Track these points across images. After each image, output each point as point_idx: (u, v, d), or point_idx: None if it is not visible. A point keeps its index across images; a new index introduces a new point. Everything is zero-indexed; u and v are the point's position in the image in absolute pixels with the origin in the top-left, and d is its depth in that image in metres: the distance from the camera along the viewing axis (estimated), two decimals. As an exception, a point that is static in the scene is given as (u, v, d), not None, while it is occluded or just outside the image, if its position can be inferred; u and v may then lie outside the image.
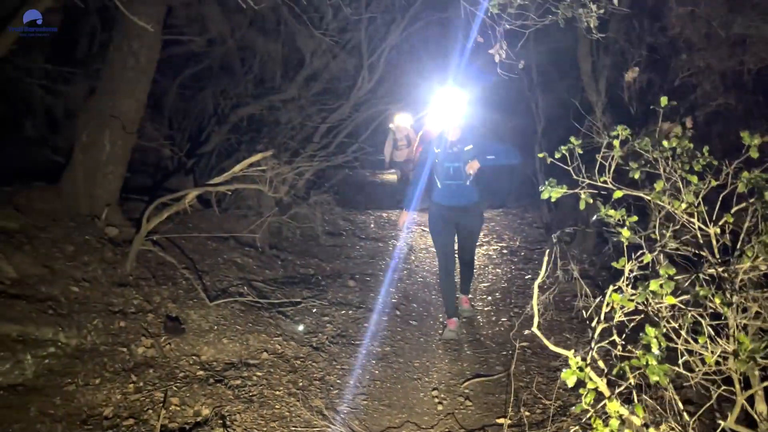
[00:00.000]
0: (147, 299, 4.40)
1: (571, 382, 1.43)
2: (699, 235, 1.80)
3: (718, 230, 1.79)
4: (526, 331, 5.09)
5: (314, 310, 5.26)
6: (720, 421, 1.70)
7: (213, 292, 4.92)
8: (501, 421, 3.62)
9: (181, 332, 4.18)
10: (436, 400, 3.98)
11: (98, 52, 6.23)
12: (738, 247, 1.66)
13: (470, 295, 5.77)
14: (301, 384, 3.95)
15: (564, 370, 1.47)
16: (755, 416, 1.79)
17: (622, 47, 4.93)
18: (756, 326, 1.58)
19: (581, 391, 1.43)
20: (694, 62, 4.08)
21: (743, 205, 1.86)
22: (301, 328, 4.71)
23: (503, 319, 5.55)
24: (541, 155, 1.98)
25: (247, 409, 3.52)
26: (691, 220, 1.82)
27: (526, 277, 6.83)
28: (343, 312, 5.38)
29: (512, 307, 5.88)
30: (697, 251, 1.83)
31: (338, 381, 4.12)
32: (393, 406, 3.88)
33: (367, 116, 8.24)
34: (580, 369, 1.41)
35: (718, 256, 1.74)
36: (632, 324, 1.56)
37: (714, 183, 1.85)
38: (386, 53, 7.03)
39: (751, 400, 1.77)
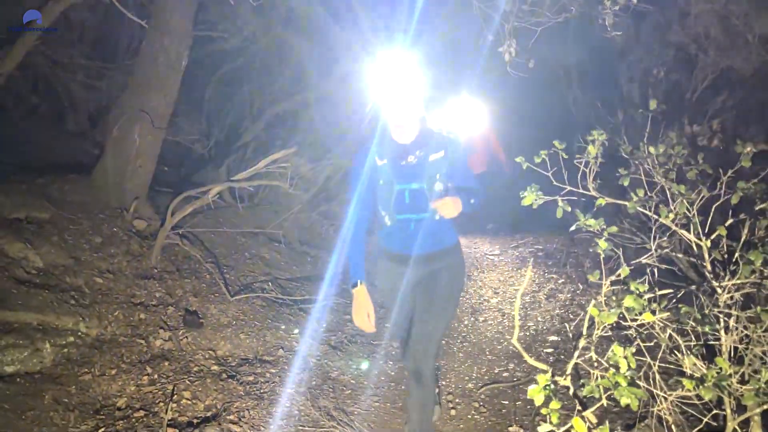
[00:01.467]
0: (169, 292, 4.47)
1: (538, 401, 1.36)
2: (694, 248, 1.68)
3: (709, 243, 1.66)
4: (551, 338, 4.97)
5: (336, 308, 5.25)
6: (708, 448, 1.59)
7: (236, 287, 4.97)
8: (512, 429, 3.52)
9: (200, 326, 4.22)
10: (450, 404, 3.91)
11: (137, 49, 6.36)
12: (734, 260, 1.54)
13: None
14: (314, 383, 3.94)
15: (532, 387, 1.39)
16: (748, 444, 1.67)
17: (650, 46, 4.72)
18: (756, 352, 1.46)
19: (543, 411, 1.35)
20: (719, 62, 3.87)
21: (732, 220, 1.72)
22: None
23: (530, 324, 5.42)
24: (518, 160, 1.89)
25: (257, 406, 3.52)
26: (684, 232, 1.70)
27: (559, 281, 6.66)
28: (366, 311, 5.35)
29: (541, 311, 5.74)
30: (687, 265, 1.71)
31: (352, 381, 4.09)
32: (405, 409, 3.83)
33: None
34: (549, 387, 1.33)
35: (710, 270, 1.62)
36: (615, 342, 1.46)
37: (706, 193, 1.72)
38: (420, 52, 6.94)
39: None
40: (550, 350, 4.68)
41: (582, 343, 1.46)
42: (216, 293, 4.67)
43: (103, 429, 3.13)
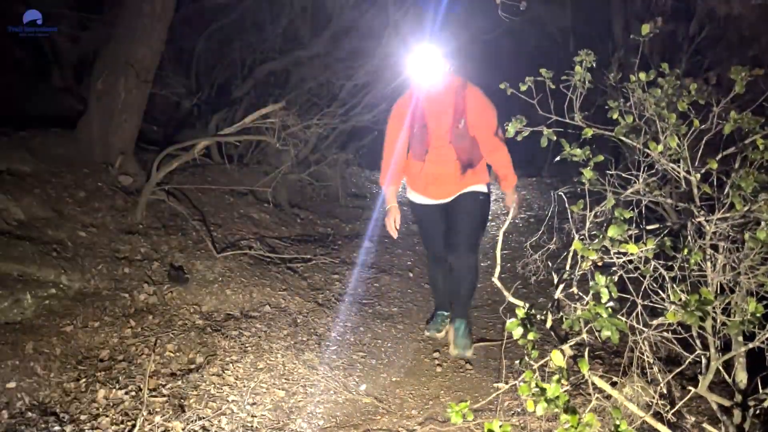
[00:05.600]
0: (154, 248, 4.41)
1: (516, 334, 1.31)
2: (683, 184, 1.62)
3: (698, 176, 1.60)
4: (540, 299, 4.95)
5: (324, 268, 5.21)
6: (690, 387, 1.56)
7: (222, 244, 4.91)
8: (498, 385, 3.50)
9: (185, 282, 4.17)
10: (437, 362, 3.89)
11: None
12: (725, 193, 1.48)
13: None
14: (299, 338, 3.90)
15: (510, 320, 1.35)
16: (732, 386, 1.64)
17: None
18: (741, 281, 1.41)
19: (520, 341, 1.31)
20: (717, 8, 3.73)
21: (731, 150, 1.67)
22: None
23: (519, 287, 5.40)
24: (502, 86, 1.81)
25: (241, 360, 3.49)
26: (673, 165, 1.64)
27: (551, 247, 6.63)
28: (355, 271, 5.32)
29: (531, 275, 5.72)
30: (672, 207, 1.66)
31: (338, 338, 4.06)
32: (391, 365, 3.81)
33: (396, 76, 8.03)
34: (527, 320, 1.28)
35: (698, 205, 1.57)
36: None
37: (697, 125, 1.65)
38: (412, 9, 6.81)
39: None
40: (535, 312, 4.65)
41: (565, 276, 1.41)
42: (202, 250, 4.61)
43: (84, 379, 3.11)
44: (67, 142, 4.89)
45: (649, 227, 1.59)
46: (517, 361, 3.70)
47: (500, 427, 1.21)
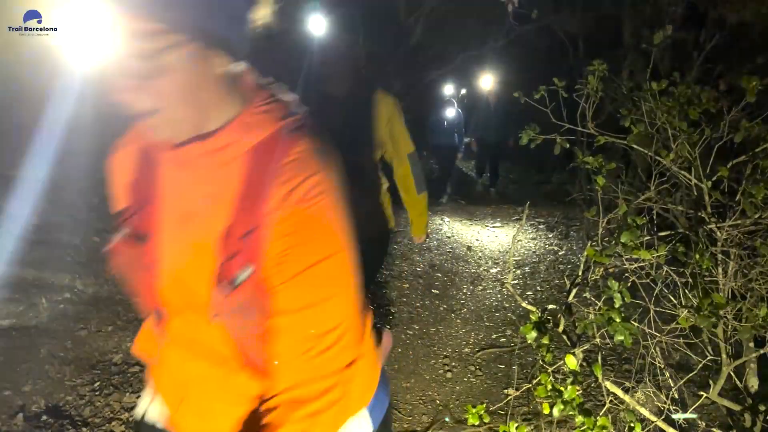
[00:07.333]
0: (167, 253, 4.45)
1: (530, 338, 1.33)
2: (694, 191, 1.64)
3: (710, 184, 1.62)
4: (550, 306, 4.95)
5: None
6: (702, 393, 1.57)
7: (234, 250, 4.94)
8: (508, 391, 3.52)
9: (197, 286, 4.21)
10: (447, 367, 3.91)
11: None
12: (736, 200, 1.50)
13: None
14: (310, 343, 3.93)
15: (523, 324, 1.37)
16: (743, 391, 1.65)
17: (660, 4, 4.58)
18: (753, 287, 1.43)
19: (532, 343, 1.33)
20: (727, 16, 3.74)
21: (742, 158, 1.69)
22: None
23: (528, 293, 5.41)
24: (516, 94, 1.83)
25: (252, 364, 3.52)
26: (686, 174, 1.66)
27: (560, 253, 6.64)
28: (365, 277, 5.34)
29: (540, 281, 5.73)
30: (685, 209, 1.68)
31: (349, 343, 4.08)
32: (401, 371, 3.83)
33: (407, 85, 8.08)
34: (541, 325, 1.30)
35: (709, 212, 1.58)
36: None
37: (708, 133, 1.67)
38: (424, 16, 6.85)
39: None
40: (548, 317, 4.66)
41: (578, 281, 1.43)
42: (214, 255, 4.65)
43: (98, 383, 3.14)
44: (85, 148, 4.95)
45: (660, 233, 1.61)
46: (525, 371, 3.73)
47: (516, 428, 1.23)
